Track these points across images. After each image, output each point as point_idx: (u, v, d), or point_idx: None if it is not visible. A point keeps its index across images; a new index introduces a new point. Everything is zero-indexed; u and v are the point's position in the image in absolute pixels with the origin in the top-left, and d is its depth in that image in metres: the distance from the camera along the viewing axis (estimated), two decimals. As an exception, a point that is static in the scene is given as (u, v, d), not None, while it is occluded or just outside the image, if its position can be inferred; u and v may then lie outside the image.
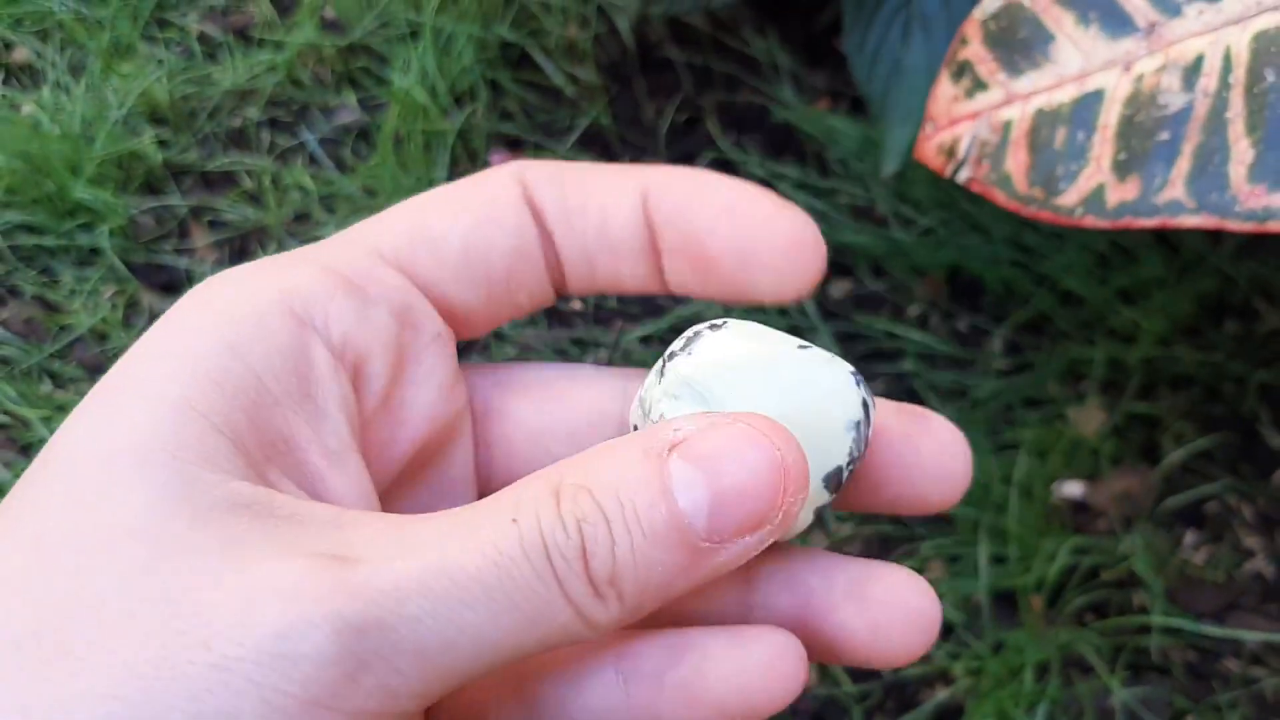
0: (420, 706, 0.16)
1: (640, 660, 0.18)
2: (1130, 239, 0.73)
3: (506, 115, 0.87)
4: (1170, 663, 0.62)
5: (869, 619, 0.19)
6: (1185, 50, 0.37)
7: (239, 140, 0.89)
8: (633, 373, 0.22)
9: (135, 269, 0.83)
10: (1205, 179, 0.35)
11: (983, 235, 0.76)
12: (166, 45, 0.94)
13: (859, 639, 0.19)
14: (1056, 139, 0.40)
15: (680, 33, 0.88)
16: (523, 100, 0.87)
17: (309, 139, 0.88)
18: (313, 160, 0.87)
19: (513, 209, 0.20)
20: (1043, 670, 0.61)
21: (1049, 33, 0.41)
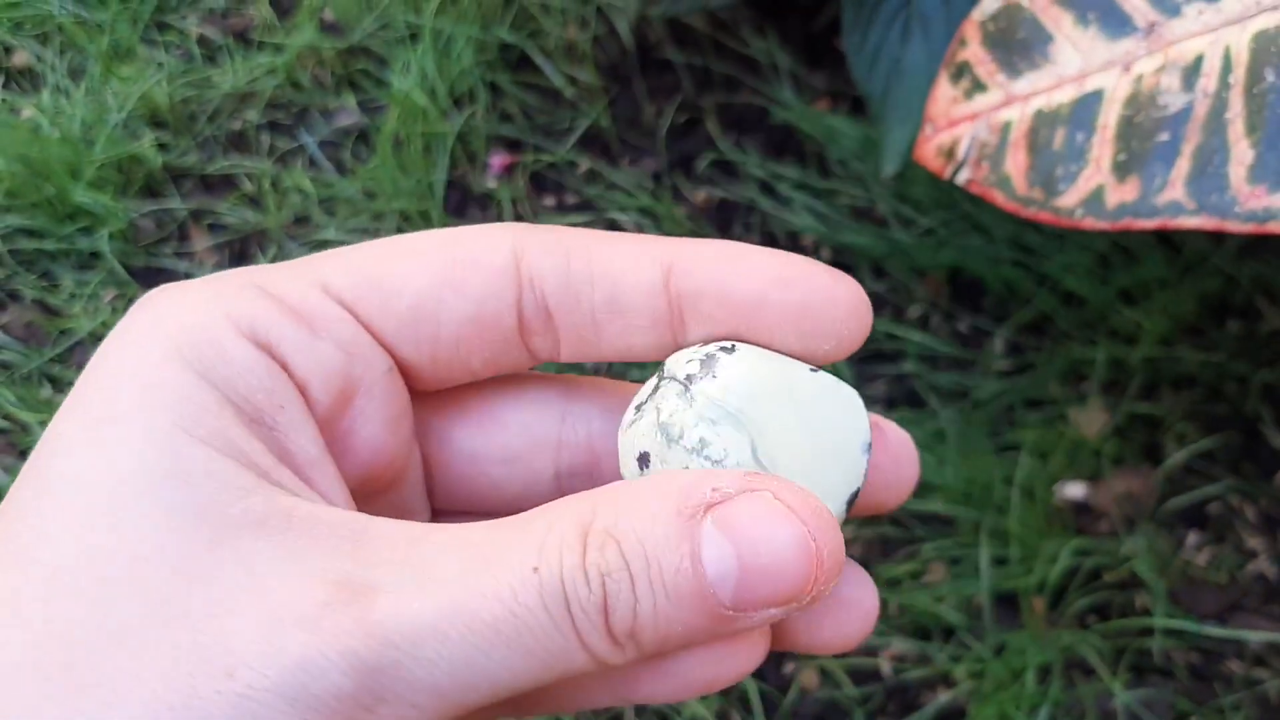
0: None
1: None
2: (1132, 239, 0.73)
3: (506, 117, 0.87)
4: (1173, 664, 0.61)
5: (807, 612, 0.19)
6: (1185, 50, 0.37)
7: (239, 143, 0.89)
8: (578, 383, 0.22)
9: (135, 272, 0.83)
10: (1205, 180, 0.35)
11: (984, 235, 0.75)
12: (166, 48, 0.94)
13: (798, 629, 0.20)
14: (1056, 140, 0.39)
15: (680, 34, 0.88)
16: (522, 102, 0.87)
17: (308, 141, 0.88)
18: (312, 163, 0.87)
19: (486, 275, 0.19)
20: (1045, 672, 0.61)
21: (1048, 33, 0.40)
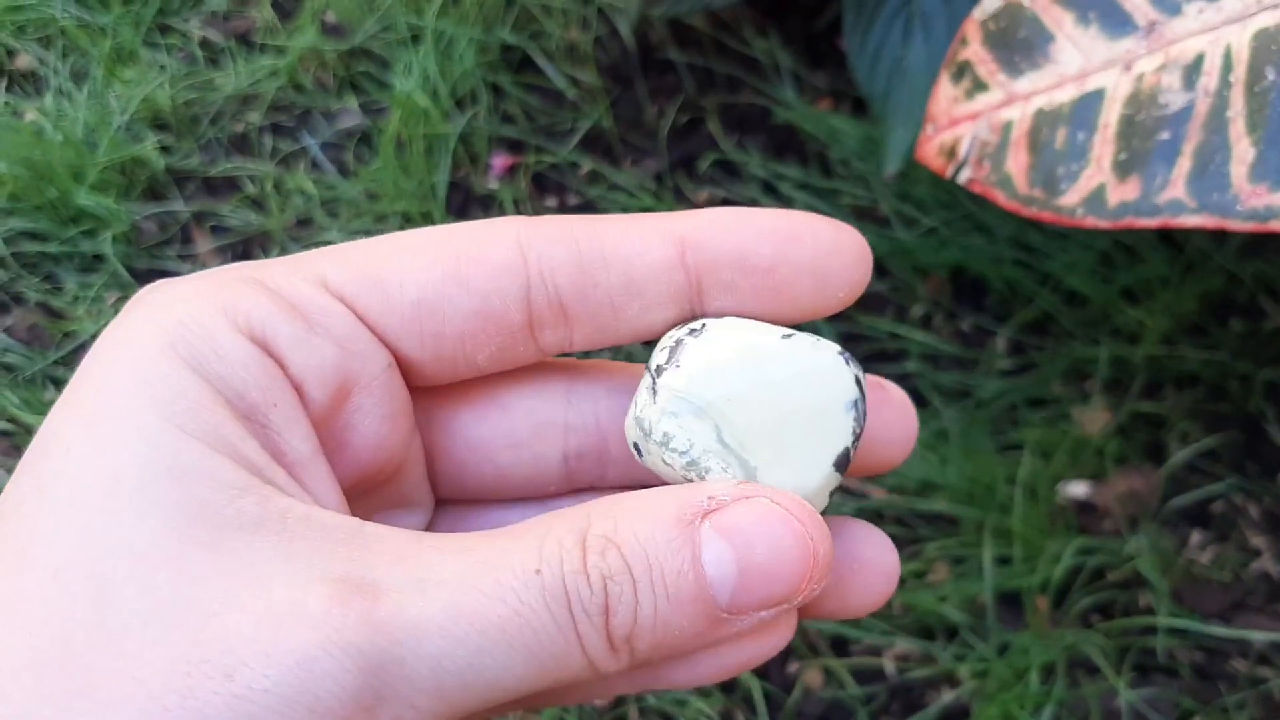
0: None
1: None
2: (1134, 238, 0.73)
3: (508, 118, 0.87)
4: (1177, 663, 0.61)
5: (834, 575, 0.20)
6: (1185, 49, 0.37)
7: (241, 145, 0.89)
8: (582, 365, 0.22)
9: (138, 275, 0.83)
10: (1206, 178, 0.35)
11: (986, 235, 0.75)
12: (168, 51, 0.94)
13: (825, 595, 0.20)
14: (1057, 139, 0.39)
15: (681, 34, 0.88)
16: (524, 103, 0.87)
17: (311, 144, 0.88)
18: (315, 165, 0.87)
19: (491, 270, 0.19)
20: (1049, 672, 0.61)
21: (1049, 32, 0.40)
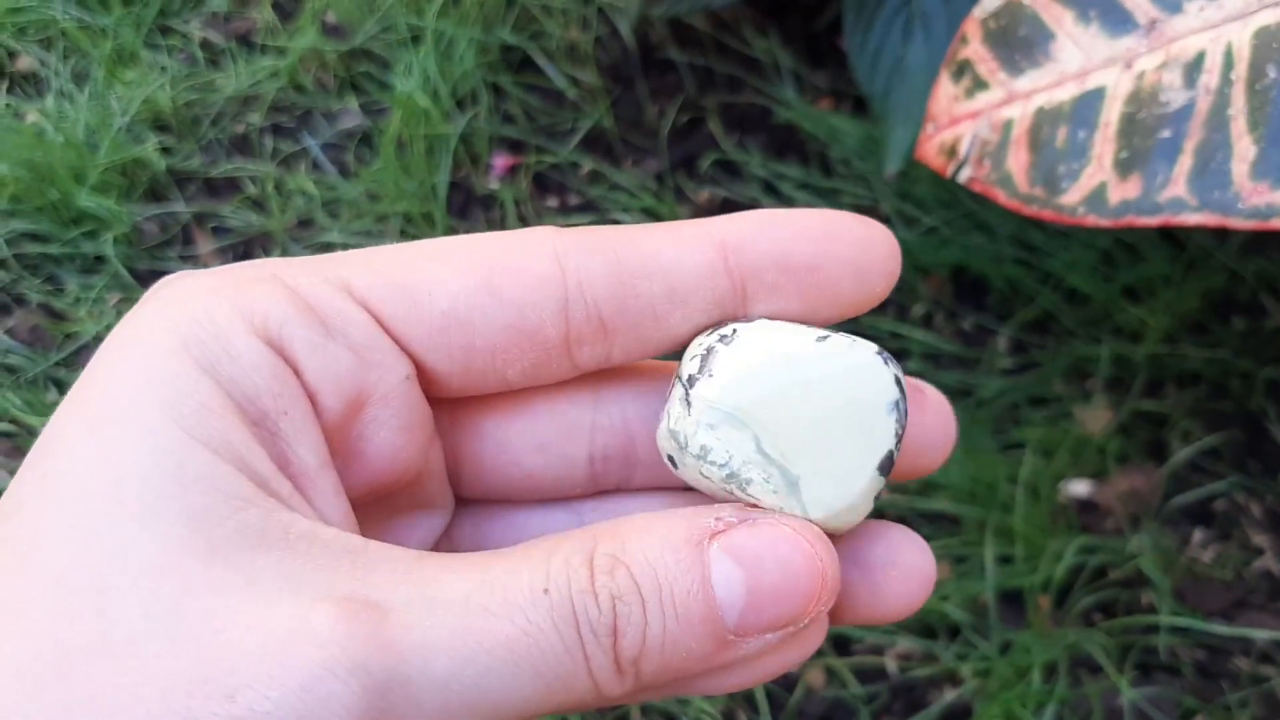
0: None
1: None
2: (1135, 236, 0.73)
3: (509, 118, 0.87)
4: (1179, 662, 0.61)
5: (870, 580, 0.20)
6: (1186, 47, 0.37)
7: (242, 146, 0.89)
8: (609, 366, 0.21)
9: (140, 276, 0.83)
10: (1207, 176, 0.35)
11: (987, 234, 0.75)
12: (169, 52, 0.94)
13: (860, 599, 0.20)
14: (1058, 137, 0.39)
15: (681, 34, 0.88)
16: (525, 103, 0.87)
17: (312, 144, 0.88)
18: (315, 165, 0.87)
19: (528, 281, 0.18)
20: (1051, 670, 0.61)
21: (1049, 31, 0.40)
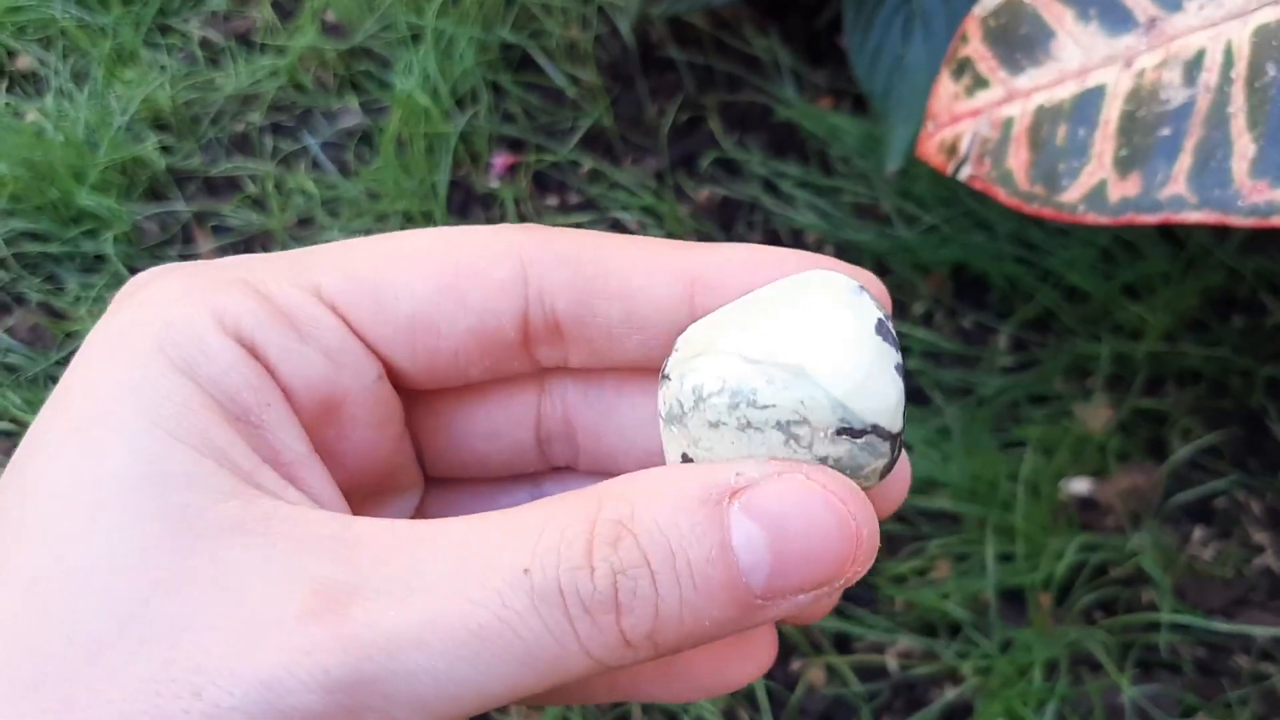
0: None
1: None
2: (1135, 234, 0.73)
3: (508, 117, 0.87)
4: (1180, 660, 0.61)
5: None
6: (1186, 45, 0.37)
7: (242, 145, 0.89)
8: None
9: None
10: (1207, 174, 0.35)
11: (987, 232, 0.75)
12: (169, 51, 0.94)
13: None
14: (1058, 136, 0.39)
15: (681, 32, 0.88)
16: (524, 102, 0.87)
17: (311, 143, 0.88)
18: (315, 164, 0.87)
19: (489, 287, 0.18)
20: (1052, 668, 0.61)
21: (1049, 29, 0.40)
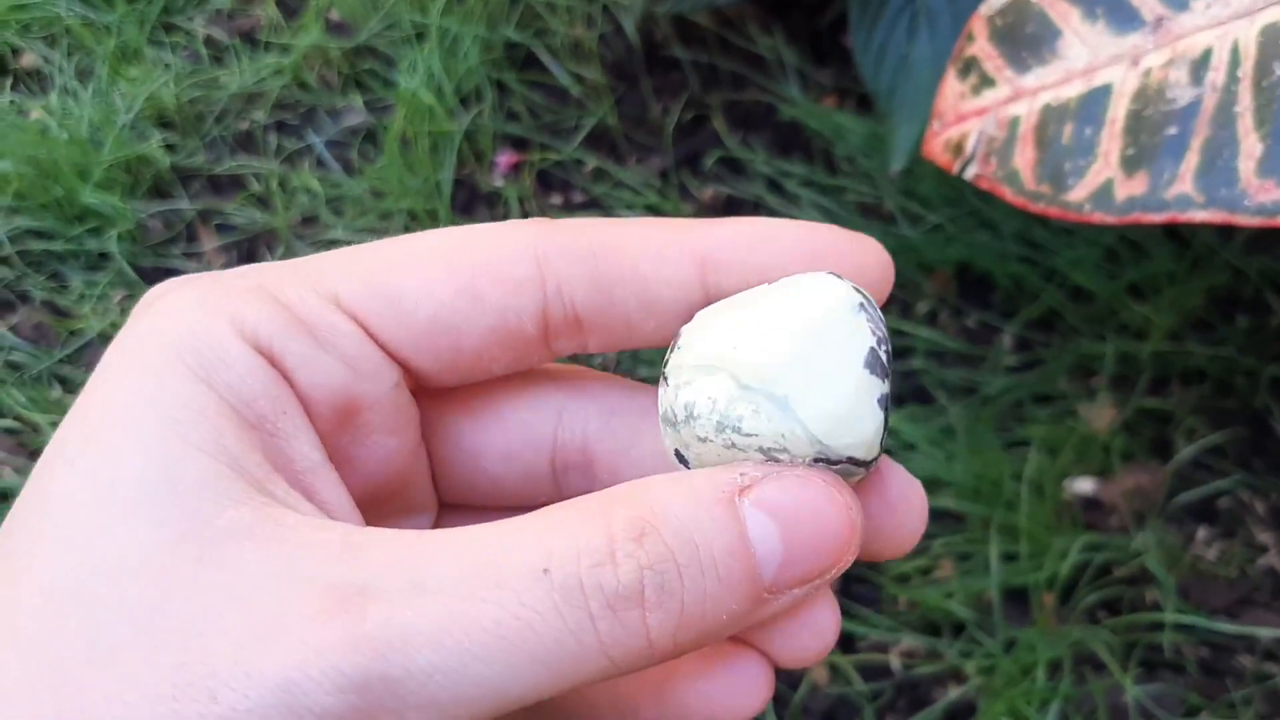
0: None
1: None
2: (1140, 233, 0.73)
3: (513, 115, 0.87)
4: (1183, 659, 0.61)
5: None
6: (1193, 44, 0.37)
7: (246, 144, 0.89)
8: (583, 379, 0.21)
9: (144, 273, 0.83)
10: (1214, 174, 0.35)
11: (991, 231, 0.75)
12: (173, 50, 0.94)
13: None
14: (1064, 135, 0.39)
15: (686, 31, 0.88)
16: (529, 100, 0.87)
17: (316, 142, 0.88)
18: (320, 163, 0.87)
19: (508, 287, 0.18)
20: (1055, 668, 0.61)
21: (1055, 28, 0.40)
